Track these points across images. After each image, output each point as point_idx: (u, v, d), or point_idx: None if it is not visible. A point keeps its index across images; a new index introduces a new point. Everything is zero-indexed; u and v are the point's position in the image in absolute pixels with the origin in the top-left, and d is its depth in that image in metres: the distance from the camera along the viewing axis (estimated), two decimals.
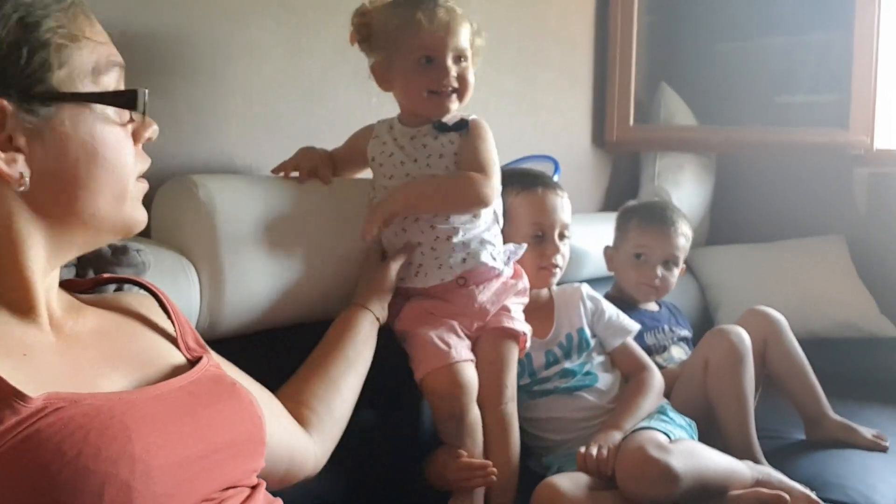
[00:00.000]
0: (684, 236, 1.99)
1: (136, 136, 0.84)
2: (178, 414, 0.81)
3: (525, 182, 1.72)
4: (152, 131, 0.86)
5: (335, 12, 1.78)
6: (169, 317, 0.97)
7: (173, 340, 0.95)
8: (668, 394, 1.71)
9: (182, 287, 1.26)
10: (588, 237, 2.09)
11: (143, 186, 0.86)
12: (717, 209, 2.84)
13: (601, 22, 2.64)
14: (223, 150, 1.59)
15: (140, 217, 0.86)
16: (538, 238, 1.67)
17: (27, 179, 0.74)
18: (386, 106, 1.87)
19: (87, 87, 0.78)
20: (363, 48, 1.51)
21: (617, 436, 1.49)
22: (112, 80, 0.81)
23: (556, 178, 2.06)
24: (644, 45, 2.71)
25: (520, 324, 1.51)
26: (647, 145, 2.73)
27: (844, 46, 2.61)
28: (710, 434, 1.64)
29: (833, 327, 2.41)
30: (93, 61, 0.79)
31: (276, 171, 1.50)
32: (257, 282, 1.35)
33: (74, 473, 0.67)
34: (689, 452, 1.43)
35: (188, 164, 1.50)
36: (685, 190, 2.65)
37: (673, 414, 1.61)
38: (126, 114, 0.82)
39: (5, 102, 0.72)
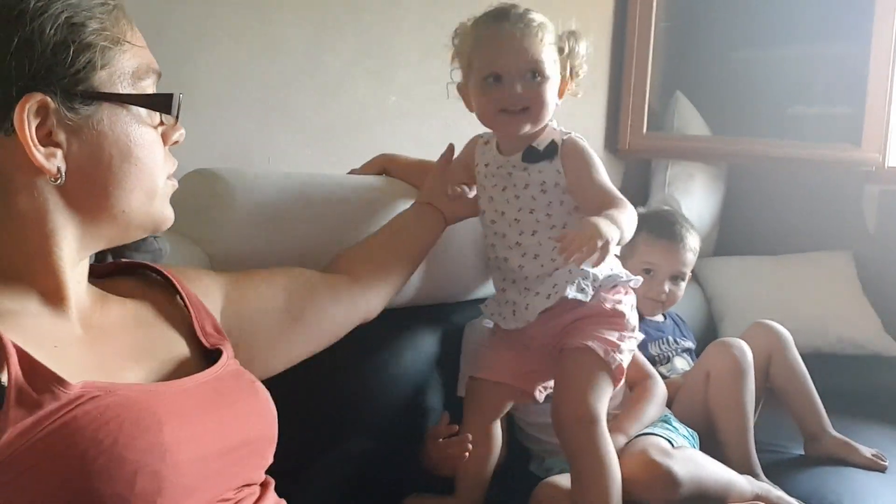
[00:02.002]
0: (692, 251, 1.97)
1: (165, 138, 0.87)
2: (204, 409, 0.83)
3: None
4: (180, 135, 0.89)
5: (357, 10, 1.79)
6: (185, 303, 0.99)
7: (190, 327, 0.97)
8: (670, 404, 1.73)
9: None
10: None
11: (173, 185, 0.89)
12: (725, 219, 2.84)
13: (619, 28, 2.64)
14: (240, 143, 1.60)
15: (168, 214, 0.89)
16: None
17: (64, 173, 0.77)
18: (404, 106, 1.88)
19: (126, 89, 0.81)
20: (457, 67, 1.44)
21: (620, 440, 1.50)
22: (149, 85, 0.84)
23: None
24: (660, 53, 2.71)
25: (613, 355, 1.34)
26: (659, 153, 2.73)
27: (861, 60, 2.61)
28: (710, 446, 1.65)
29: (836, 344, 2.41)
30: (134, 65, 0.82)
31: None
32: None
33: (109, 461, 0.69)
34: (691, 460, 1.45)
35: (205, 155, 1.50)
36: (695, 199, 2.65)
37: (676, 424, 1.62)
38: (158, 116, 0.85)
39: (49, 99, 0.75)
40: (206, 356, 0.95)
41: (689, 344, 2.02)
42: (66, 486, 0.68)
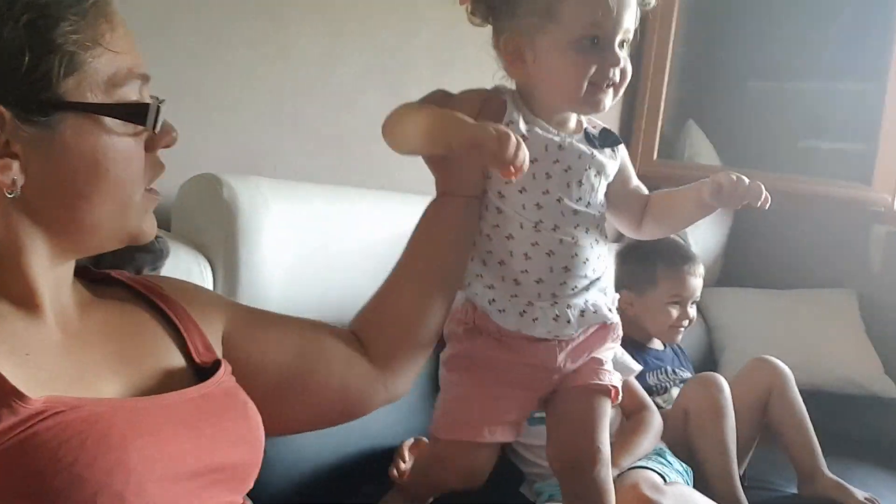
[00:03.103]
0: (701, 275, 2.00)
1: (150, 145, 0.80)
2: (181, 427, 0.79)
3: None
4: (170, 139, 0.81)
5: (372, 22, 1.80)
6: (173, 319, 0.93)
7: (182, 342, 0.91)
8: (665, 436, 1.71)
9: (195, 282, 1.27)
10: None
11: (153, 198, 0.82)
12: (731, 251, 2.83)
13: (635, 54, 2.62)
14: (249, 150, 1.60)
15: (147, 228, 0.82)
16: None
17: (19, 186, 0.72)
18: None
19: (98, 97, 0.74)
20: (479, 9, 1.11)
21: (612, 472, 1.49)
22: (130, 92, 0.77)
23: None
24: (675, 80, 2.71)
25: (611, 376, 1.17)
26: (668, 181, 2.69)
27: (876, 98, 2.61)
28: (699, 482, 1.64)
29: (835, 382, 2.40)
30: (109, 71, 0.75)
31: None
32: (271, 285, 1.36)
33: (69, 481, 0.66)
34: (682, 497, 1.44)
35: (213, 160, 1.51)
36: (701, 229, 2.64)
37: (671, 458, 1.61)
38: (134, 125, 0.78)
39: (2, 109, 0.70)
40: (199, 372, 0.89)
41: (688, 375, 2.01)
42: None
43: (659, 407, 1.75)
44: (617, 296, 1.20)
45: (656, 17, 2.62)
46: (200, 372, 0.89)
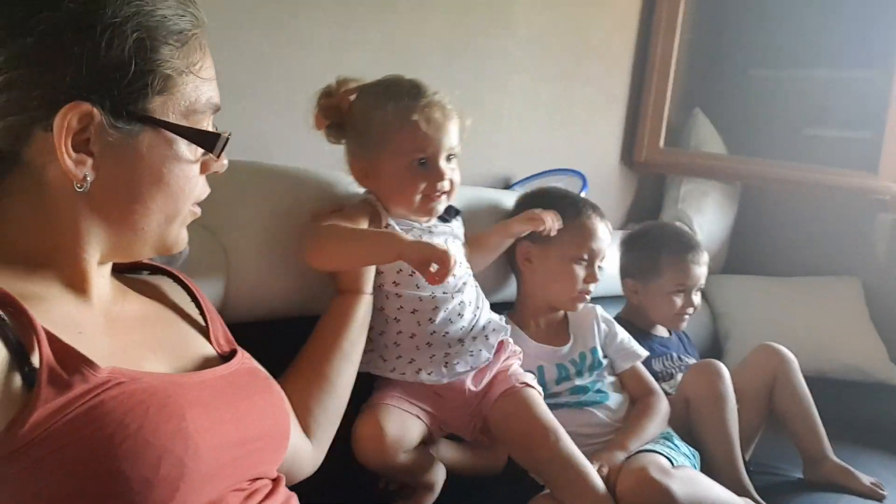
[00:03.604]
0: (706, 263, 2.00)
1: (204, 167, 0.86)
2: (222, 400, 0.85)
3: (579, 207, 1.70)
4: (221, 167, 0.89)
5: (385, 8, 1.80)
6: (201, 311, 1.01)
7: (205, 333, 0.99)
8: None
9: (209, 266, 1.27)
10: (609, 253, 2.08)
11: (196, 212, 0.88)
12: (736, 238, 2.84)
13: (642, 43, 2.65)
14: (261, 137, 1.61)
15: (182, 239, 0.88)
16: (581, 262, 1.66)
17: (89, 182, 0.77)
18: None
19: (177, 118, 0.80)
20: (331, 134, 1.37)
21: (620, 455, 1.50)
22: (204, 119, 0.83)
23: (583, 194, 2.07)
24: (682, 69, 2.72)
25: (520, 377, 1.42)
26: (674, 169, 2.74)
27: (883, 87, 2.61)
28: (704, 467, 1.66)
29: (840, 369, 2.41)
30: (192, 98, 0.81)
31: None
32: (285, 268, 1.36)
33: (135, 445, 0.71)
34: (690, 480, 1.45)
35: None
36: (707, 217, 2.66)
37: (678, 442, 1.62)
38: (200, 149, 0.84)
39: (95, 110, 0.74)
40: (220, 359, 0.96)
41: (694, 361, 2.02)
42: (94, 468, 0.69)
43: (665, 393, 1.76)
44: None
45: (663, 6, 2.63)
46: (222, 357, 0.96)
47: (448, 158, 1.33)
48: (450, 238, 1.42)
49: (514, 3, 2.15)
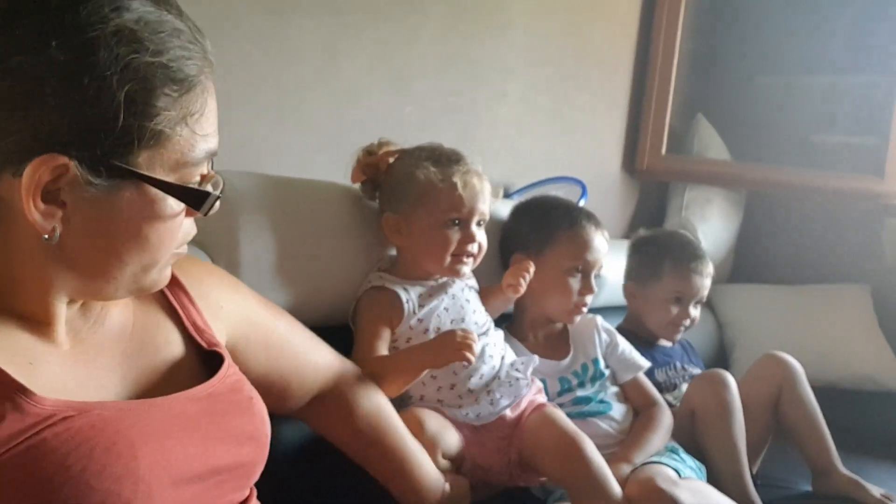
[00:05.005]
0: (710, 276, 1.98)
1: (189, 212, 0.78)
2: (188, 430, 0.79)
3: (573, 217, 1.68)
4: (208, 212, 0.78)
5: (376, 17, 1.78)
6: (179, 302, 0.92)
7: (188, 331, 0.91)
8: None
9: None
10: (610, 263, 2.05)
11: (180, 252, 0.81)
12: (742, 246, 2.80)
13: (643, 47, 2.62)
14: (252, 145, 1.59)
15: (163, 280, 0.81)
16: (576, 274, 1.64)
17: (58, 234, 0.70)
18: (419, 116, 1.87)
19: (164, 174, 0.72)
20: (365, 190, 1.47)
21: (625, 468, 1.48)
22: (194, 172, 0.76)
23: (582, 203, 2.04)
24: (683, 74, 2.69)
25: (541, 397, 1.50)
26: (677, 176, 2.70)
27: (887, 92, 2.58)
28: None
29: (849, 378, 2.37)
30: (183, 151, 0.73)
31: None
32: (270, 281, 1.35)
33: (77, 490, 0.66)
34: (698, 492, 1.43)
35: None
36: (711, 225, 2.62)
37: (684, 455, 1.59)
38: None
39: (72, 164, 0.67)
40: (205, 359, 0.89)
41: (698, 371, 1.99)
42: None
43: (669, 404, 1.73)
44: None
45: (663, 10, 2.60)
46: (206, 358, 0.89)
47: (479, 223, 1.43)
48: (465, 289, 1.50)
49: (510, 9, 2.13)
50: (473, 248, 1.42)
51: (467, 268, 1.45)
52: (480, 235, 1.44)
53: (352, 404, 1.20)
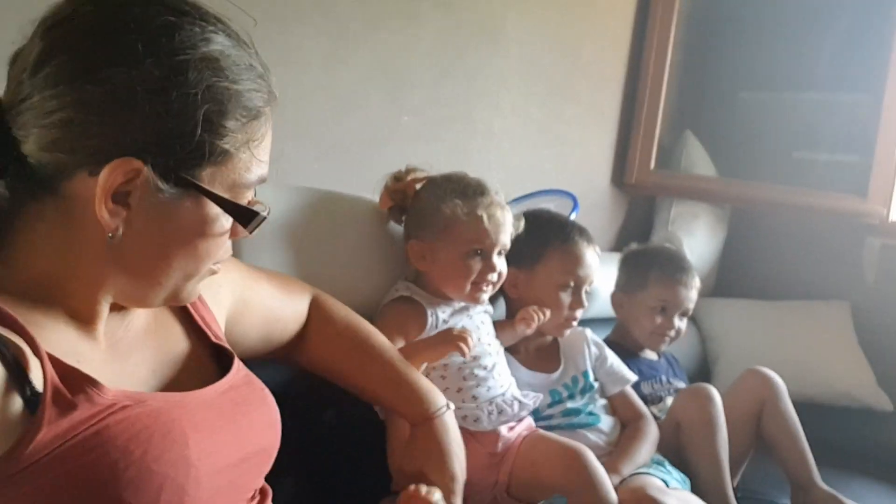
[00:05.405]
0: (697, 288, 2.00)
1: (233, 232, 0.85)
2: (224, 421, 0.85)
3: (566, 232, 1.71)
4: (247, 236, 0.87)
5: (376, 26, 1.80)
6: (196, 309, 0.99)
7: (196, 324, 0.97)
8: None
9: None
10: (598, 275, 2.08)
11: (215, 269, 0.87)
12: (726, 261, 2.83)
13: (634, 63, 2.65)
14: None
15: (195, 294, 0.87)
16: (567, 289, 1.66)
17: (119, 234, 0.76)
18: (415, 126, 1.88)
19: (223, 190, 0.79)
20: (392, 215, 1.53)
21: (613, 479, 1.49)
22: (246, 192, 0.83)
23: (573, 216, 2.06)
24: (672, 90, 2.72)
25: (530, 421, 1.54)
26: (665, 191, 2.73)
27: (873, 110, 2.60)
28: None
29: (828, 394, 2.40)
30: (241, 173, 0.80)
31: None
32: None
33: (138, 472, 0.71)
34: (686, 502, 1.45)
35: None
36: (697, 239, 2.65)
37: (670, 467, 1.62)
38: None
39: (145, 170, 0.74)
40: (213, 354, 0.96)
41: (682, 384, 2.02)
42: (97, 494, 0.69)
43: (654, 416, 1.76)
44: None
45: (655, 27, 2.63)
46: (214, 352, 0.96)
47: (500, 253, 1.49)
48: (482, 312, 1.56)
49: (505, 22, 2.15)
50: (493, 276, 1.48)
51: (486, 295, 1.50)
52: (501, 265, 1.49)
53: (327, 314, 1.27)
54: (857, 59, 2.71)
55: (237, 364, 0.95)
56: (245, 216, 0.81)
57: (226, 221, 0.81)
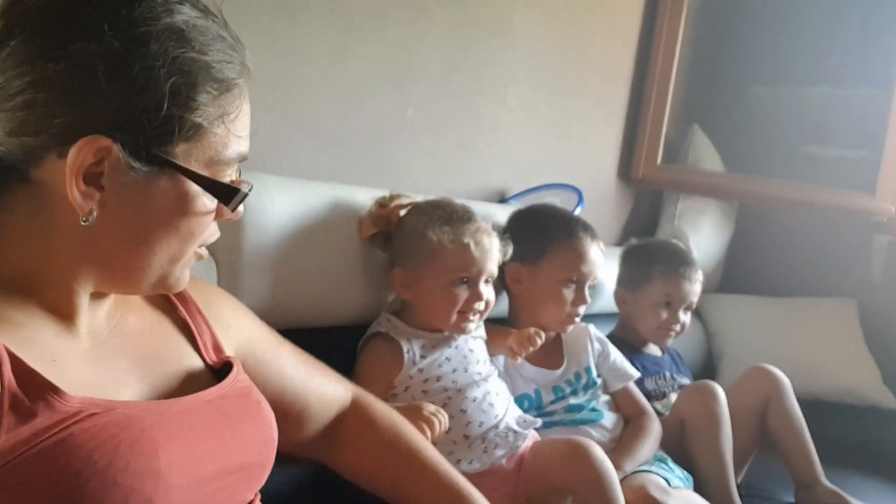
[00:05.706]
0: (700, 281, 2.00)
1: (218, 213, 0.81)
2: (203, 431, 0.81)
3: (570, 228, 1.69)
4: (235, 215, 0.83)
5: (384, 19, 1.79)
6: (194, 321, 0.95)
7: (199, 346, 0.93)
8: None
9: (200, 278, 1.26)
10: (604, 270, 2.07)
11: (202, 254, 0.84)
12: (732, 257, 2.83)
13: (642, 57, 2.64)
14: (255, 146, 1.58)
15: (183, 281, 0.83)
16: (570, 285, 1.65)
17: (94, 216, 0.73)
18: (421, 120, 1.88)
19: (199, 167, 0.76)
20: (375, 243, 1.47)
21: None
22: (226, 169, 0.79)
23: (578, 210, 2.06)
24: (681, 84, 2.71)
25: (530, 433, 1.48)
26: (671, 186, 2.72)
27: (882, 106, 2.60)
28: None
29: (834, 392, 2.40)
30: (217, 149, 0.77)
31: None
32: (275, 282, 1.36)
33: (102, 484, 0.67)
34: (687, 501, 1.45)
35: None
36: (703, 235, 2.65)
37: (672, 465, 1.62)
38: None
39: (115, 147, 0.71)
40: (215, 371, 0.91)
41: (686, 380, 2.01)
42: None
43: (658, 413, 1.75)
44: None
45: (663, 21, 2.62)
46: (216, 370, 0.91)
47: (486, 281, 1.45)
48: (470, 339, 1.50)
49: (513, 16, 2.14)
50: (480, 305, 1.44)
51: (473, 325, 1.46)
52: (488, 293, 1.45)
53: (371, 418, 1.14)
54: (868, 53, 2.70)
55: (236, 374, 0.90)
56: (224, 193, 0.78)
57: (208, 201, 0.78)
